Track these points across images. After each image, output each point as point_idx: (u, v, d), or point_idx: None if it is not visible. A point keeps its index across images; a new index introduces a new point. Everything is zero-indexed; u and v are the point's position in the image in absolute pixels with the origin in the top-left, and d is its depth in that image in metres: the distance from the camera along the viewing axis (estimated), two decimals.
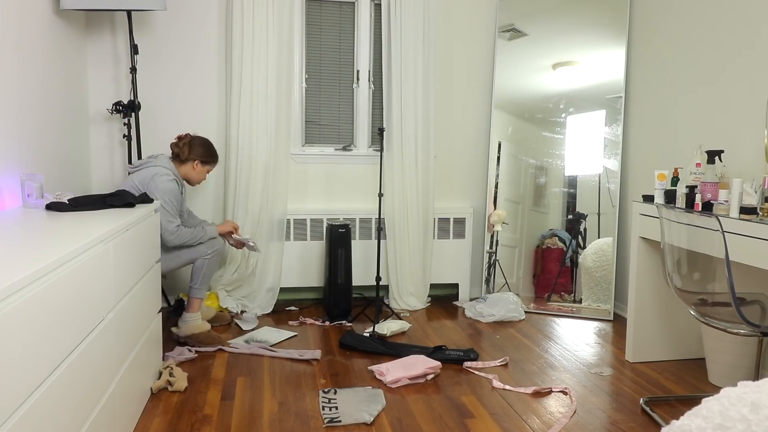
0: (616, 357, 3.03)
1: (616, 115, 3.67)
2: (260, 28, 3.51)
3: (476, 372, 2.80)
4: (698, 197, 2.55)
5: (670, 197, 2.75)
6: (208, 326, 3.13)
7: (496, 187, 3.95)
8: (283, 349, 2.98)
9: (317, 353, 2.90)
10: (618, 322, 3.59)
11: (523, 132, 3.89)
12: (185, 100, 3.66)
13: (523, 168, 3.89)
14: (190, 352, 2.90)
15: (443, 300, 4.02)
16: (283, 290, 3.82)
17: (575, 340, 3.28)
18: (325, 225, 3.77)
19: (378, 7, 3.86)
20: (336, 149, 3.92)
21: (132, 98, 3.32)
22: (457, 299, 4.02)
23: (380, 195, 3.50)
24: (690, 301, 2.33)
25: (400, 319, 3.53)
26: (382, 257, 3.87)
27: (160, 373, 2.58)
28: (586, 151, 3.75)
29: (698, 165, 2.68)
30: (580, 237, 3.76)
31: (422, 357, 2.83)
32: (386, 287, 3.93)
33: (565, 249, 3.79)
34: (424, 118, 3.77)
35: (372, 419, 2.28)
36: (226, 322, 3.37)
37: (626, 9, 3.64)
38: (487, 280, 3.96)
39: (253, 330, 3.30)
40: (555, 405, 2.48)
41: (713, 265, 2.35)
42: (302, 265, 3.79)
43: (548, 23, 3.82)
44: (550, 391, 2.60)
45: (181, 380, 2.52)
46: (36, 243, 1.59)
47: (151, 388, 2.47)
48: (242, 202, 3.60)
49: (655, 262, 2.94)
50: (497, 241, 3.93)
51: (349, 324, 3.46)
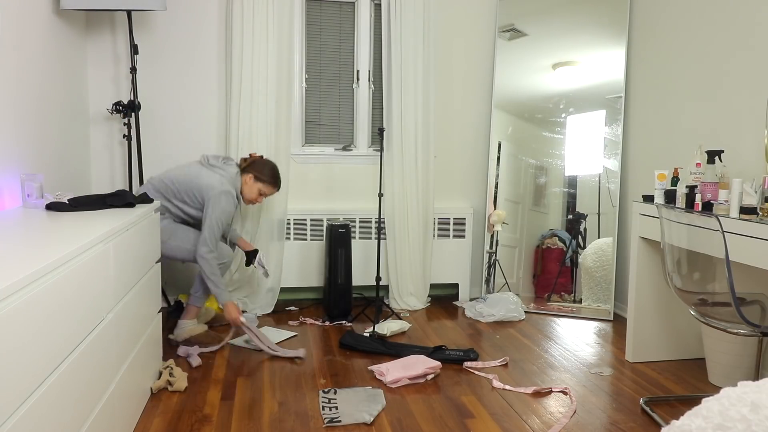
0: (616, 357, 3.03)
1: (616, 115, 3.67)
2: (260, 28, 3.51)
3: (476, 372, 2.80)
4: (698, 197, 2.55)
5: (670, 197, 2.75)
6: (204, 328, 3.16)
7: (496, 187, 3.95)
8: (280, 347, 2.98)
9: (301, 351, 2.89)
10: (618, 322, 3.59)
11: (523, 132, 3.89)
12: (185, 100, 3.66)
13: (523, 168, 3.89)
14: (194, 353, 2.88)
15: (443, 300, 4.02)
16: (283, 290, 3.82)
17: (575, 340, 3.28)
18: (325, 225, 3.77)
19: (378, 7, 3.86)
20: (336, 149, 3.92)
21: (132, 98, 3.32)
22: (457, 299, 4.02)
23: (380, 195, 3.50)
24: (690, 301, 2.33)
25: (400, 319, 3.53)
26: (382, 257, 3.87)
27: (160, 373, 2.58)
28: (586, 151, 3.75)
29: (698, 165, 2.68)
30: (580, 237, 3.76)
31: (422, 357, 2.83)
32: (386, 287, 3.93)
33: (565, 249, 3.79)
34: (424, 118, 3.77)
35: (372, 419, 2.28)
36: (226, 322, 3.37)
37: (626, 9, 3.64)
38: (487, 280, 3.96)
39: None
40: (555, 405, 2.48)
41: (713, 265, 2.36)
42: (302, 265, 3.79)
43: (548, 23, 3.82)
44: (550, 391, 2.60)
45: (181, 380, 2.52)
46: (36, 243, 1.59)
47: (151, 388, 2.47)
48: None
49: (655, 262, 2.94)
50: (497, 241, 3.93)
51: (349, 324, 3.46)
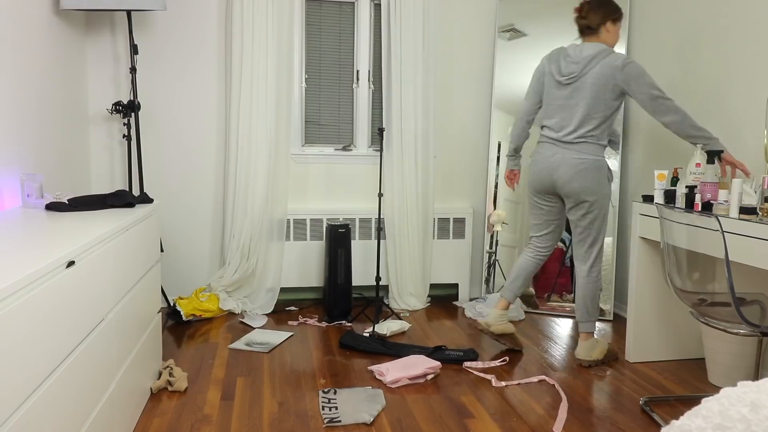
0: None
1: None
2: (260, 28, 3.51)
3: (476, 372, 2.80)
4: (698, 197, 2.55)
5: (669, 197, 2.75)
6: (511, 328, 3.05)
7: (496, 187, 3.95)
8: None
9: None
10: (618, 322, 3.59)
11: None
12: (185, 100, 3.66)
13: (523, 168, 3.88)
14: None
15: (443, 300, 4.02)
16: (282, 290, 3.82)
17: (575, 340, 3.28)
18: (324, 225, 3.77)
19: (378, 7, 3.86)
20: (336, 149, 3.92)
21: (132, 98, 3.32)
22: (456, 299, 4.02)
23: (380, 195, 3.50)
24: (690, 301, 2.34)
25: (400, 319, 3.53)
26: (381, 257, 3.87)
27: (160, 373, 2.58)
28: None
29: (698, 165, 2.68)
30: None
31: (422, 357, 2.83)
32: (386, 287, 3.93)
33: (564, 249, 3.79)
34: (423, 118, 3.76)
35: (372, 419, 2.28)
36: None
37: (626, 9, 3.64)
38: (487, 280, 3.96)
39: (261, 327, 3.34)
40: (555, 405, 2.48)
41: (713, 265, 2.36)
42: (302, 265, 3.79)
43: (548, 23, 3.81)
44: (545, 382, 2.60)
45: (181, 380, 2.52)
46: (36, 243, 1.59)
47: (151, 388, 2.47)
48: (242, 202, 3.60)
49: (655, 262, 2.94)
50: (497, 241, 3.93)
51: (349, 324, 3.46)
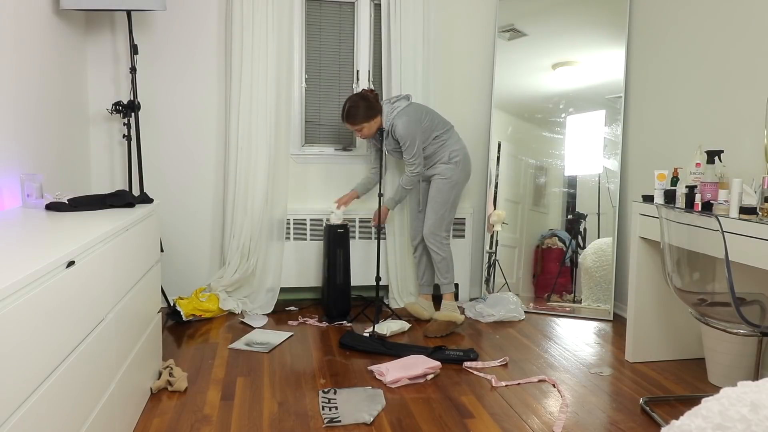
0: (615, 357, 3.03)
1: (615, 115, 3.67)
2: (260, 28, 3.51)
3: (476, 372, 2.80)
4: (698, 197, 2.55)
5: (669, 197, 2.75)
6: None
7: (496, 187, 3.95)
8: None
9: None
10: (618, 322, 3.59)
11: (523, 132, 3.89)
12: (185, 100, 3.66)
13: (523, 168, 3.89)
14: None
15: None
16: (282, 290, 3.81)
17: (575, 340, 3.28)
18: (324, 225, 3.77)
19: (378, 7, 3.86)
20: (336, 149, 3.92)
21: (132, 98, 3.32)
22: (457, 299, 4.01)
23: (380, 195, 3.50)
24: (690, 301, 2.33)
25: (400, 319, 3.53)
26: (381, 257, 3.87)
27: (160, 373, 2.58)
28: (585, 151, 3.75)
29: (698, 165, 2.68)
30: (579, 237, 3.76)
31: (422, 357, 2.83)
32: (386, 287, 3.93)
33: (564, 249, 3.79)
34: None
35: (372, 419, 2.28)
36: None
37: (626, 9, 3.64)
38: (487, 280, 3.96)
39: (261, 327, 3.33)
40: (555, 405, 2.48)
41: (713, 265, 2.36)
42: (301, 265, 3.79)
43: (548, 23, 3.82)
44: (545, 381, 2.60)
45: (181, 380, 2.52)
46: (36, 243, 1.59)
47: (151, 388, 2.47)
48: (242, 202, 3.60)
49: (654, 262, 2.94)
50: (497, 241, 3.93)
51: (349, 324, 3.46)
